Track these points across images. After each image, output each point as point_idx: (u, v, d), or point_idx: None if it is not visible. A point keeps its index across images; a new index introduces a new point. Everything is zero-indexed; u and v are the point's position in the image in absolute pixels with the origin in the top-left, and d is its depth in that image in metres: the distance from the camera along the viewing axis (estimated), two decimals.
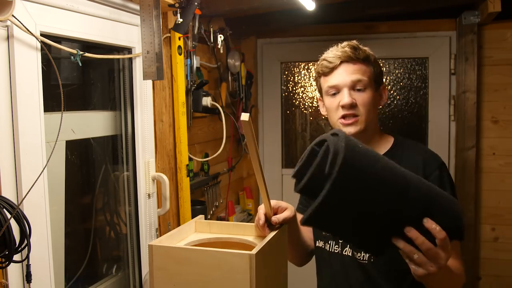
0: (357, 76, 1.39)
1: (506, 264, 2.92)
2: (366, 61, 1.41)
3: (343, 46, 1.42)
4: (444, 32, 2.97)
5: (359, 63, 1.40)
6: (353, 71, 1.39)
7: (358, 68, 1.40)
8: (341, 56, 1.40)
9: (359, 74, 1.39)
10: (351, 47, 1.41)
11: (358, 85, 1.39)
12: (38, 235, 1.37)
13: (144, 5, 1.66)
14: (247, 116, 1.03)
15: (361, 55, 1.40)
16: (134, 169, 1.89)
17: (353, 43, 1.43)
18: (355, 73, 1.39)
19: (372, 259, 1.41)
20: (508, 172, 2.89)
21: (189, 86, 2.21)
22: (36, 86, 1.36)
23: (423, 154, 1.43)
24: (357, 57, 1.40)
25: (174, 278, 1.13)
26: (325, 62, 1.42)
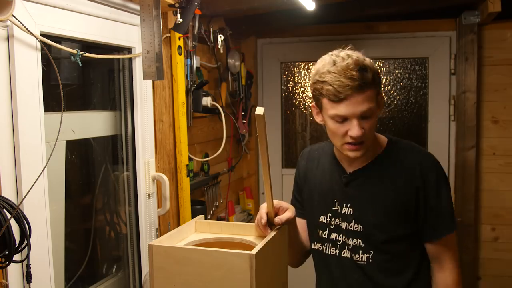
0: (366, 106, 1.30)
1: (506, 264, 2.92)
2: (373, 83, 1.31)
3: (349, 66, 1.28)
4: (444, 32, 2.97)
5: (368, 88, 1.29)
6: (363, 101, 1.29)
7: (367, 96, 1.29)
8: (351, 86, 1.27)
9: (368, 102, 1.30)
10: (358, 70, 1.28)
11: (366, 114, 1.31)
12: (38, 235, 1.37)
13: (144, 5, 1.65)
14: (261, 110, 1.01)
15: (369, 78, 1.29)
16: (134, 169, 1.89)
17: (359, 60, 1.30)
18: (365, 103, 1.29)
19: (370, 260, 1.41)
20: (508, 172, 2.89)
21: (189, 86, 2.21)
22: (36, 86, 1.36)
23: (418, 154, 1.43)
24: (366, 82, 1.28)
25: (174, 278, 1.13)
26: (331, 89, 1.29)
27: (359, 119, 1.31)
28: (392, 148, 1.45)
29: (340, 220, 1.45)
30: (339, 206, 1.46)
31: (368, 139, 1.36)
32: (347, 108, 1.30)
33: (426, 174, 1.39)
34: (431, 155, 1.44)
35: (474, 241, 2.93)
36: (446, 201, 1.40)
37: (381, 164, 1.42)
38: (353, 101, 1.29)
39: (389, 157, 1.43)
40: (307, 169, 1.58)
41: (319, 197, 1.51)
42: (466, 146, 2.89)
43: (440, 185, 1.40)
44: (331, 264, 1.49)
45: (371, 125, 1.34)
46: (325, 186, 1.50)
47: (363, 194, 1.42)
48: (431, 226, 1.41)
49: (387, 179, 1.40)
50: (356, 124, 1.31)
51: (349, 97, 1.28)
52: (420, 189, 1.38)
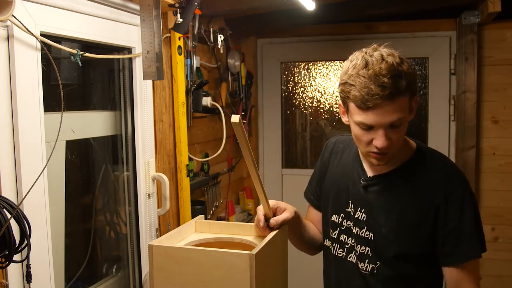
0: (396, 116, 1.19)
1: (506, 264, 2.92)
2: (407, 90, 1.20)
3: (381, 72, 1.17)
4: (444, 32, 2.97)
5: (400, 96, 1.18)
6: (392, 111, 1.19)
7: (398, 105, 1.19)
8: (380, 95, 1.16)
9: (398, 113, 1.19)
10: (391, 77, 1.16)
11: (396, 124, 1.21)
12: (38, 235, 1.37)
13: (144, 5, 1.66)
14: (237, 118, 1.01)
15: (402, 85, 1.18)
16: (134, 169, 1.89)
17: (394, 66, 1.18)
18: (394, 113, 1.19)
19: (374, 271, 1.35)
20: (508, 172, 2.89)
21: (189, 86, 2.21)
22: (36, 86, 1.36)
23: (446, 168, 1.32)
24: (398, 90, 1.17)
25: (174, 278, 1.13)
26: (359, 96, 1.19)
27: (386, 129, 1.21)
28: (420, 156, 1.34)
29: (352, 224, 1.38)
30: (353, 209, 1.38)
31: (395, 147, 1.27)
32: (374, 117, 1.20)
33: (451, 192, 1.27)
34: (460, 171, 1.32)
35: None
36: (470, 223, 1.27)
37: (404, 172, 1.33)
38: (381, 111, 1.19)
39: (415, 166, 1.32)
40: (330, 162, 1.50)
41: (334, 194, 1.45)
42: (466, 146, 2.89)
43: (464, 205, 1.27)
44: (336, 265, 1.45)
45: (399, 135, 1.24)
46: (342, 184, 1.42)
47: (379, 201, 1.34)
48: (450, 249, 1.28)
49: (408, 190, 1.31)
50: (382, 134, 1.21)
51: (377, 106, 1.18)
52: (442, 208, 1.27)
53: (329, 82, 3.26)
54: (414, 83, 1.24)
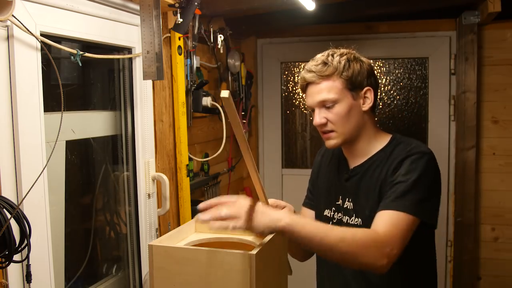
0: (322, 96, 1.40)
1: (506, 264, 2.92)
2: (333, 76, 1.40)
3: (315, 62, 1.43)
4: (444, 32, 2.97)
5: (324, 80, 1.40)
6: (318, 92, 1.41)
7: (323, 87, 1.40)
8: (307, 78, 1.43)
9: (324, 93, 1.40)
10: (319, 64, 1.41)
11: (325, 104, 1.41)
12: (38, 235, 1.37)
13: (144, 5, 1.66)
14: (227, 93, 1.01)
15: (326, 72, 1.40)
16: (134, 169, 1.89)
17: (324, 56, 1.43)
18: (320, 93, 1.41)
19: None
20: (508, 172, 2.89)
21: (189, 86, 2.21)
22: (36, 86, 1.36)
23: (410, 146, 1.41)
24: (322, 75, 1.40)
25: (174, 278, 1.13)
26: (299, 82, 1.48)
27: (319, 108, 1.42)
28: (391, 144, 1.46)
29: (342, 214, 1.48)
30: (341, 201, 1.49)
31: (337, 129, 1.42)
32: (308, 98, 1.46)
33: (403, 160, 1.37)
34: (425, 150, 1.39)
35: (474, 241, 2.93)
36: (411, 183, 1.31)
37: (378, 159, 1.44)
38: (310, 92, 1.44)
39: (387, 152, 1.44)
40: (321, 164, 1.63)
41: (325, 191, 1.56)
42: (466, 146, 2.89)
43: (411, 170, 1.33)
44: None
45: (334, 115, 1.40)
46: (332, 181, 1.55)
47: (360, 189, 1.45)
48: (382, 201, 1.34)
49: (383, 172, 1.41)
50: (316, 113, 1.43)
51: (308, 89, 1.45)
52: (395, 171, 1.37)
53: None
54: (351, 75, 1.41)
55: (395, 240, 1.24)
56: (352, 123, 1.43)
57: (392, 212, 1.29)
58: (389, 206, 1.30)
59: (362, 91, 1.43)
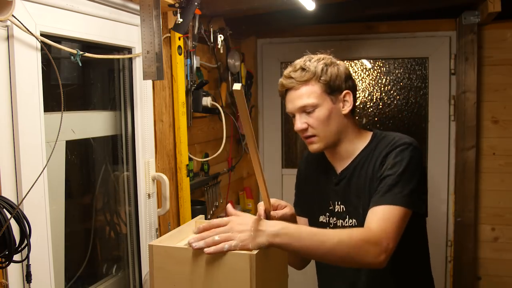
0: (302, 101, 1.41)
1: (506, 264, 2.92)
2: (311, 81, 1.42)
3: (293, 68, 1.46)
4: (444, 32, 2.97)
5: (303, 85, 1.42)
6: (298, 97, 1.42)
7: (302, 92, 1.42)
8: (285, 84, 1.45)
9: (303, 98, 1.41)
10: (296, 70, 1.44)
11: (306, 109, 1.42)
12: (38, 235, 1.37)
13: (144, 5, 1.65)
14: (239, 86, 1.00)
15: (304, 77, 1.42)
16: (134, 169, 1.89)
17: (302, 62, 1.45)
18: (300, 99, 1.42)
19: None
20: (508, 172, 2.89)
21: (189, 86, 2.21)
22: (36, 86, 1.36)
23: (393, 139, 1.42)
24: (300, 80, 1.42)
25: (174, 278, 1.13)
26: (278, 88, 1.49)
27: (300, 113, 1.43)
28: (374, 141, 1.47)
29: (336, 218, 1.49)
30: (333, 206, 1.51)
31: (319, 133, 1.43)
32: (287, 105, 1.47)
33: (388, 153, 1.38)
34: (408, 140, 1.39)
35: (474, 241, 2.93)
36: (399, 175, 1.32)
37: (363, 158, 1.45)
38: (290, 97, 1.45)
39: (369, 150, 1.45)
40: (307, 172, 1.64)
41: (318, 198, 1.56)
42: (466, 146, 2.89)
43: (397, 163, 1.34)
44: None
45: (315, 119, 1.41)
46: (322, 187, 1.55)
47: (351, 190, 1.46)
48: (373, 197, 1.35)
49: (369, 170, 1.42)
50: (296, 119, 1.44)
51: (287, 95, 1.46)
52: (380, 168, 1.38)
53: None
54: (329, 80, 1.42)
55: (389, 235, 1.24)
56: (333, 127, 1.44)
57: (383, 207, 1.29)
58: (380, 201, 1.31)
59: (341, 94, 1.45)
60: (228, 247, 1.10)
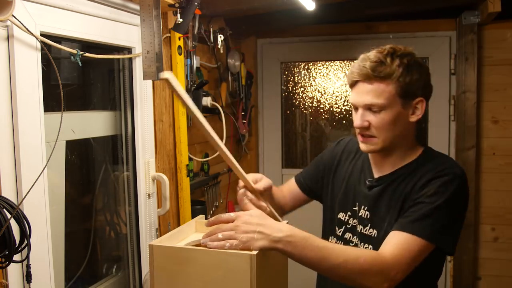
0: (370, 99, 1.29)
1: (506, 264, 2.92)
2: (387, 79, 1.28)
3: (369, 58, 1.30)
4: (444, 32, 2.97)
5: (377, 82, 1.28)
6: (367, 92, 1.29)
7: (374, 88, 1.28)
8: (359, 73, 1.30)
9: (373, 96, 1.28)
10: (374, 61, 1.28)
11: (372, 107, 1.30)
12: (38, 235, 1.37)
13: (144, 5, 1.65)
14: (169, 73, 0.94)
15: (382, 73, 1.27)
16: (134, 169, 1.89)
17: (382, 55, 1.29)
18: (369, 95, 1.29)
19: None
20: (508, 172, 2.89)
21: (189, 86, 2.21)
22: (36, 86, 1.36)
23: (440, 163, 1.32)
24: (376, 75, 1.27)
25: (175, 278, 1.13)
26: (348, 75, 1.35)
27: (364, 109, 1.31)
28: (424, 158, 1.37)
29: (357, 222, 1.41)
30: (357, 207, 1.42)
31: (378, 136, 1.31)
32: (354, 96, 1.33)
33: (433, 179, 1.27)
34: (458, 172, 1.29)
35: (474, 241, 2.93)
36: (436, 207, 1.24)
37: (406, 172, 1.36)
38: (359, 90, 1.32)
39: (417, 166, 1.35)
40: (341, 159, 1.53)
41: (342, 193, 1.47)
42: (466, 146, 2.89)
43: (439, 193, 1.25)
44: None
45: (379, 121, 1.30)
46: (351, 184, 1.46)
47: (382, 198, 1.36)
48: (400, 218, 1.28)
49: (408, 187, 1.32)
50: (359, 113, 1.32)
51: (357, 85, 1.32)
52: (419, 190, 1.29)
53: (329, 82, 3.26)
54: (409, 82, 1.29)
55: (401, 265, 1.19)
56: (395, 132, 1.32)
57: (406, 235, 1.22)
58: (406, 227, 1.24)
59: (414, 101, 1.32)
60: (229, 245, 1.10)
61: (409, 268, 1.21)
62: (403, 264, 1.20)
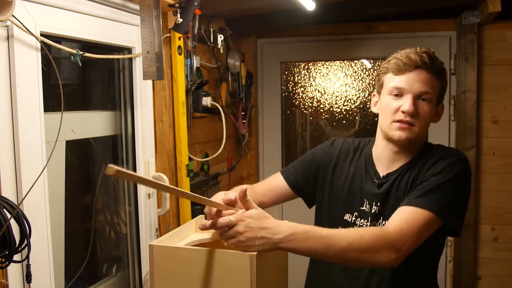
0: (425, 87, 1.33)
1: (506, 264, 2.92)
2: (438, 75, 1.36)
3: (421, 51, 1.36)
4: (444, 32, 2.97)
5: (432, 73, 1.35)
6: (424, 80, 1.34)
7: (429, 78, 1.34)
8: (418, 60, 1.33)
9: (428, 85, 1.34)
10: (429, 55, 1.35)
11: (423, 96, 1.34)
12: (38, 235, 1.37)
13: (144, 5, 1.66)
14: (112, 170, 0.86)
15: (436, 67, 1.35)
16: (134, 169, 1.89)
17: (431, 51, 1.37)
18: (425, 83, 1.34)
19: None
20: (508, 172, 2.89)
21: (189, 86, 2.21)
22: (36, 86, 1.36)
23: (444, 151, 1.39)
24: (432, 67, 1.34)
25: (174, 278, 1.13)
26: (398, 61, 1.36)
27: (414, 97, 1.33)
28: (425, 149, 1.42)
29: (369, 221, 1.41)
30: (368, 206, 1.42)
31: (418, 125, 1.35)
32: (407, 81, 1.34)
33: (441, 159, 1.33)
34: (462, 155, 1.36)
35: (474, 241, 2.93)
36: (441, 183, 1.28)
37: (413, 165, 1.39)
38: (413, 77, 1.33)
39: (422, 158, 1.39)
40: (339, 159, 1.53)
41: (346, 194, 1.47)
42: (466, 146, 2.89)
43: (444, 171, 1.30)
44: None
45: (426, 111, 1.34)
46: (356, 184, 1.46)
47: (392, 191, 1.39)
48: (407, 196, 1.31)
49: (410, 174, 1.37)
50: (409, 99, 1.33)
51: (411, 71, 1.34)
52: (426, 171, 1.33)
53: (329, 82, 3.26)
54: (445, 86, 1.40)
55: (406, 236, 1.20)
56: (425, 128, 1.38)
57: (411, 208, 1.25)
58: (411, 202, 1.27)
59: (439, 105, 1.41)
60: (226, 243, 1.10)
61: (415, 240, 1.22)
62: (408, 235, 1.21)
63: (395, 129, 1.36)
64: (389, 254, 1.18)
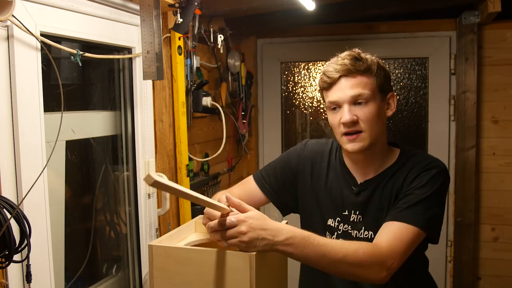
0: (357, 90, 1.31)
1: (506, 264, 2.92)
2: (368, 72, 1.34)
3: (343, 57, 1.35)
4: (444, 32, 2.97)
5: (360, 75, 1.33)
6: (352, 86, 1.32)
7: (358, 81, 1.32)
8: (340, 70, 1.33)
9: (359, 88, 1.32)
10: (351, 58, 1.34)
11: (359, 99, 1.32)
12: (38, 235, 1.37)
13: (144, 5, 1.66)
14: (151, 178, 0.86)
15: (361, 67, 1.33)
16: (134, 169, 1.89)
17: (355, 53, 1.36)
18: (354, 88, 1.32)
19: None
20: (508, 172, 2.89)
21: (189, 86, 2.21)
22: (36, 86, 1.36)
23: (425, 160, 1.36)
24: (357, 69, 1.32)
25: (174, 278, 1.13)
26: (324, 77, 1.36)
27: (350, 104, 1.32)
28: (403, 157, 1.40)
29: (350, 227, 1.41)
30: (348, 212, 1.42)
31: (366, 130, 1.32)
32: (337, 92, 1.33)
33: (422, 172, 1.33)
34: (442, 166, 1.36)
35: (474, 241, 2.93)
36: (425, 197, 1.29)
37: (390, 173, 1.39)
38: (341, 86, 1.33)
39: (400, 165, 1.39)
40: (315, 161, 1.51)
41: (328, 199, 1.46)
42: (466, 146, 2.89)
43: (428, 184, 1.30)
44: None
45: (366, 113, 1.32)
46: (337, 188, 1.45)
47: (372, 201, 1.39)
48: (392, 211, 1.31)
49: (393, 183, 1.37)
50: (346, 109, 1.32)
51: (337, 81, 1.33)
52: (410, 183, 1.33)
53: None
54: (379, 71, 1.36)
55: (397, 254, 1.22)
56: (379, 128, 1.36)
57: (399, 224, 1.26)
58: (398, 217, 1.27)
59: (387, 95, 1.39)
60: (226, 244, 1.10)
61: (404, 256, 1.24)
62: (398, 253, 1.23)
63: (346, 142, 1.35)
64: (380, 271, 1.20)
